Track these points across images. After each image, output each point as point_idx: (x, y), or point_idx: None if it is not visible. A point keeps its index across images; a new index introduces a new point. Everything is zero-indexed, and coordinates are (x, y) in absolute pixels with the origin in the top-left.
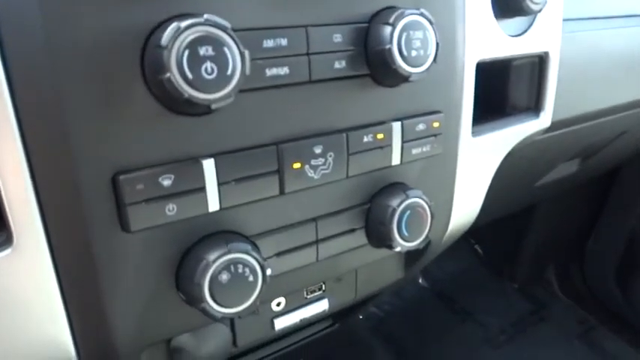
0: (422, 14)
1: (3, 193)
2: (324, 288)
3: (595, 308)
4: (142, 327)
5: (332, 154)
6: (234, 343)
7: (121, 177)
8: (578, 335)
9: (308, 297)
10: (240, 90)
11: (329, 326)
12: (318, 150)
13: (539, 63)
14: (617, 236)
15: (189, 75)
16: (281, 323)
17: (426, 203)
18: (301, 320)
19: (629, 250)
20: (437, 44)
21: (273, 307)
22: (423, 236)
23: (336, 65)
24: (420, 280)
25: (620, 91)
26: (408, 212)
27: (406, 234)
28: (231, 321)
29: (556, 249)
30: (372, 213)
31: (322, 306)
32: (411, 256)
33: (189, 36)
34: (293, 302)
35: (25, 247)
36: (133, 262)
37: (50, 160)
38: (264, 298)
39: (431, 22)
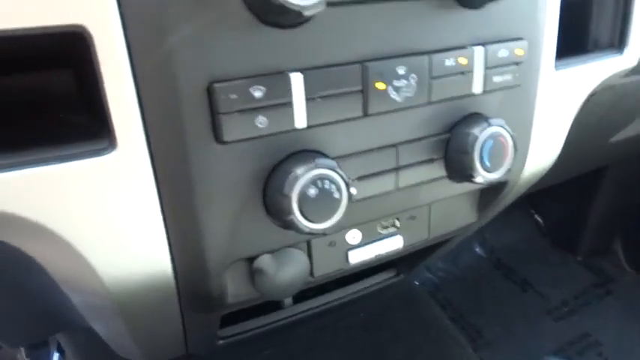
0: None
1: (109, 99)
2: (398, 225)
3: None
4: (230, 242)
5: (415, 76)
6: (311, 273)
7: (216, 85)
8: None
9: (382, 232)
10: (329, 3)
11: (394, 276)
12: (401, 71)
13: None
14: None
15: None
16: (355, 257)
17: (509, 133)
18: (376, 256)
19: None
20: None
21: (349, 239)
22: (505, 168)
23: None
24: (477, 249)
25: None
26: (491, 141)
27: (488, 164)
28: (308, 250)
29: (624, 218)
30: (452, 143)
31: (396, 243)
32: (485, 199)
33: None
34: (368, 237)
35: (128, 152)
36: (224, 174)
37: (152, 65)
38: (344, 224)
39: None
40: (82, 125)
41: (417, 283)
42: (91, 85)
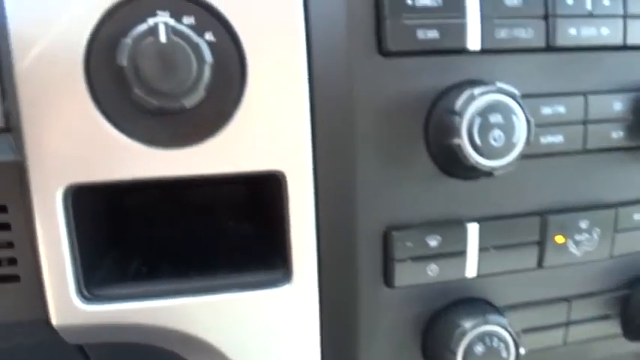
0: None
1: (292, 235)
2: None
3: None
4: None
5: (598, 230)
6: None
7: (394, 232)
8: None
9: None
10: None
11: None
12: (583, 225)
13: None
14: None
15: (478, 142)
16: None
17: None
18: None
19: None
20: None
21: None
22: None
23: (613, 135)
24: None
25: None
26: None
27: None
28: None
29: None
30: (633, 300)
31: None
32: None
33: (481, 103)
34: None
35: (301, 286)
36: (388, 315)
37: (335, 210)
38: None
39: None
40: (255, 249)
41: None
42: (273, 216)
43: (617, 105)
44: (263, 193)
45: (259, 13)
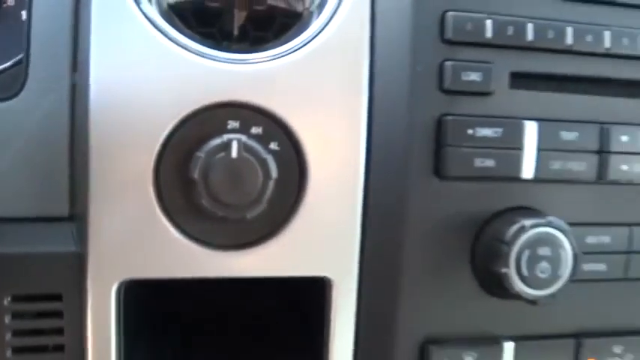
0: None
1: (331, 342)
2: None
3: None
4: None
5: (631, 355)
6: None
7: (432, 347)
8: None
9: None
10: None
11: None
12: (617, 350)
13: None
14: None
15: (526, 273)
16: None
17: None
18: None
19: None
20: None
21: None
22: None
23: None
24: None
25: None
26: None
27: None
28: None
29: None
30: None
31: None
32: None
33: (532, 235)
34: None
35: None
36: None
37: (375, 319)
38: None
39: None
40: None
41: None
42: (313, 318)
43: None
44: (304, 294)
45: (324, 126)
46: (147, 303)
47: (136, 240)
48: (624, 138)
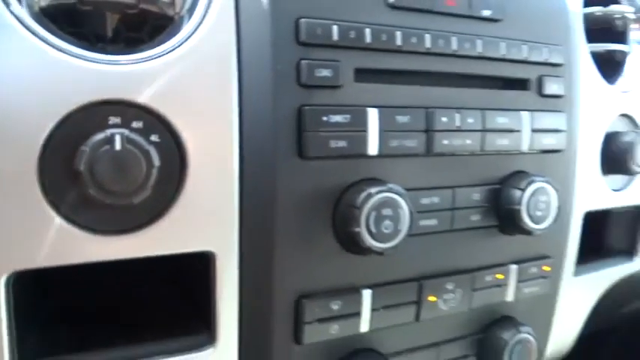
0: (548, 182)
1: (218, 306)
2: None
3: None
4: None
5: (460, 290)
6: None
7: (304, 300)
8: None
9: None
10: None
11: None
12: (449, 286)
13: (635, 213)
14: None
15: (373, 230)
16: None
17: (534, 339)
18: None
19: None
20: (558, 207)
21: None
22: None
23: (472, 218)
24: None
25: None
26: (519, 347)
27: None
28: None
29: None
30: (485, 343)
31: None
32: None
33: (376, 200)
34: None
35: (223, 347)
36: None
37: (255, 283)
38: None
39: (556, 189)
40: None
41: None
42: (198, 289)
43: (476, 195)
44: (190, 273)
45: (199, 120)
46: (41, 295)
47: (22, 233)
48: (444, 119)
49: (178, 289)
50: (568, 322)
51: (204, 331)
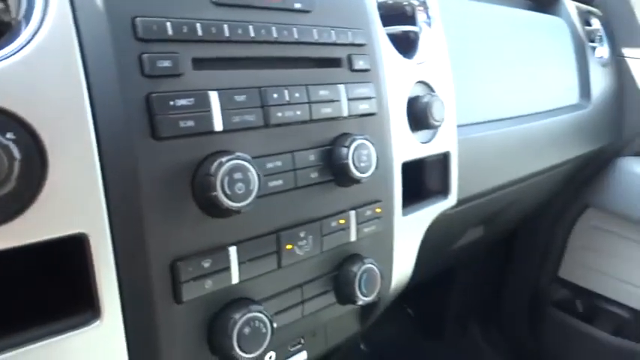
0: (366, 139)
1: (98, 284)
2: (302, 342)
3: (513, 355)
4: None
5: (311, 236)
6: None
7: (179, 263)
8: None
9: (291, 350)
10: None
11: None
12: (302, 234)
13: (443, 159)
14: (523, 290)
15: (228, 192)
16: None
17: (377, 268)
18: None
19: (534, 299)
20: (377, 157)
21: None
22: (376, 292)
23: (312, 175)
24: (362, 346)
25: (503, 174)
26: (365, 275)
27: (364, 291)
28: None
29: (476, 306)
30: (339, 278)
31: (302, 356)
32: (365, 311)
33: (228, 166)
34: (281, 355)
35: (108, 321)
36: (181, 325)
37: (131, 255)
38: (267, 348)
39: (373, 143)
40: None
41: None
42: (77, 271)
43: (312, 157)
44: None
45: (53, 115)
46: None
47: None
48: (275, 95)
49: (59, 279)
50: (405, 254)
51: (88, 309)
